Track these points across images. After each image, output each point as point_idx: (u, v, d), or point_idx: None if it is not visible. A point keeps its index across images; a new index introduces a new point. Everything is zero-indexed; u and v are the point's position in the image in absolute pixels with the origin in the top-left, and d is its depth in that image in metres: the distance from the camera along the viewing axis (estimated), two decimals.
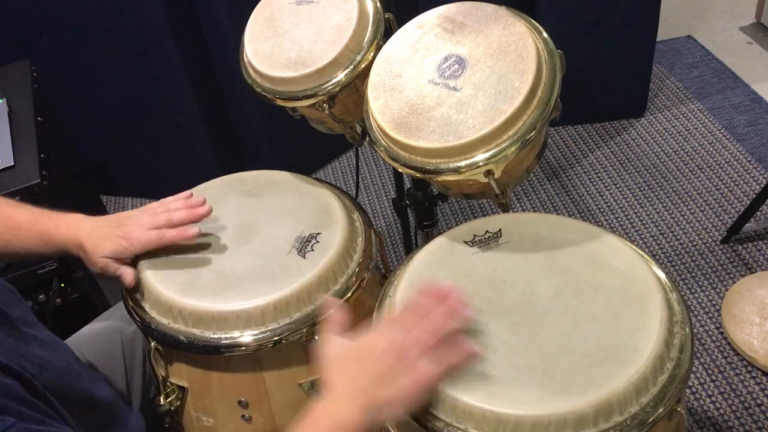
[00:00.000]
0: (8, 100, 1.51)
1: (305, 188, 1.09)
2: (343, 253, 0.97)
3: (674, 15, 2.63)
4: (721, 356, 1.54)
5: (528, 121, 0.84)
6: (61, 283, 1.39)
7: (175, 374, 0.98)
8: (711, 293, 1.68)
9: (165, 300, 0.93)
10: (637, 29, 2.02)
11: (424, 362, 0.71)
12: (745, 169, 1.99)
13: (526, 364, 0.76)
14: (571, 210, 1.97)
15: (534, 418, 0.71)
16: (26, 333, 0.74)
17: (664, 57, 2.45)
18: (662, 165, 2.05)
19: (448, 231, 0.96)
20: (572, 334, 0.78)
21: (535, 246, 0.90)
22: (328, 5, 1.04)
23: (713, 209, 1.89)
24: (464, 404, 0.74)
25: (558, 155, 2.16)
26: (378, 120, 0.91)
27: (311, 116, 1.14)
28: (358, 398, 0.70)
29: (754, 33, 2.54)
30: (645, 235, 1.85)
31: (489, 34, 0.90)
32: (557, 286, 0.84)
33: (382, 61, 0.96)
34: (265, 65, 1.03)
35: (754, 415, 1.44)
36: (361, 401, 0.69)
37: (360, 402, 0.69)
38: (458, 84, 0.88)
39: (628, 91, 2.20)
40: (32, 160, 1.36)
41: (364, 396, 0.70)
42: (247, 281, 0.93)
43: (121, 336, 1.06)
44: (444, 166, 0.86)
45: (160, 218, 0.97)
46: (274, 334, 0.90)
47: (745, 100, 2.24)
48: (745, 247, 1.77)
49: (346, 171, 2.24)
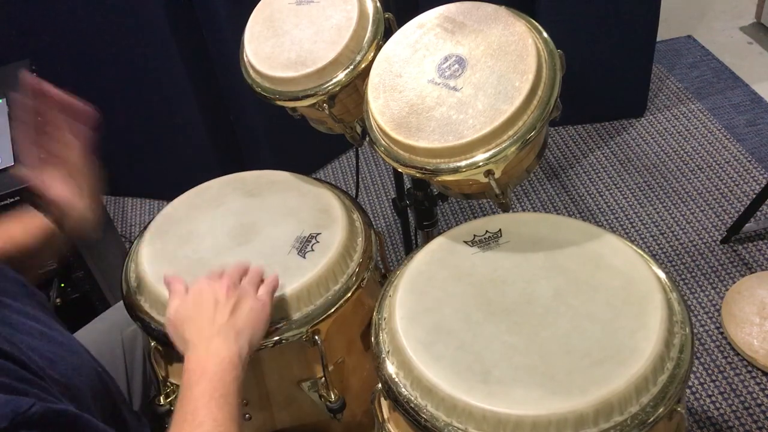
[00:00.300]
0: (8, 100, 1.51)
1: (305, 188, 1.09)
2: (343, 253, 0.97)
3: (674, 15, 2.63)
4: (721, 356, 1.54)
5: (528, 121, 0.84)
6: (61, 283, 1.39)
7: (175, 374, 0.98)
8: (711, 293, 1.68)
9: (165, 300, 0.92)
10: (637, 29, 2.02)
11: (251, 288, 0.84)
12: (745, 169, 1.99)
13: (526, 364, 0.76)
14: (571, 210, 1.97)
15: (534, 418, 0.71)
16: (27, 325, 0.73)
17: (664, 57, 2.45)
18: (662, 165, 2.05)
19: (448, 231, 0.96)
20: (572, 334, 0.78)
21: (535, 246, 0.90)
22: (328, 5, 1.04)
23: (713, 209, 1.89)
24: (464, 404, 0.74)
25: (558, 155, 2.16)
26: (378, 120, 0.91)
27: (311, 116, 1.14)
28: (220, 334, 0.77)
29: (754, 33, 2.54)
30: (645, 235, 1.85)
31: (489, 34, 0.90)
32: (557, 286, 0.84)
33: (382, 61, 0.96)
34: (265, 65, 1.03)
35: (754, 415, 1.44)
36: (224, 334, 0.77)
37: (225, 334, 0.77)
38: (458, 84, 0.88)
39: (628, 91, 2.20)
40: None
41: (222, 329, 0.78)
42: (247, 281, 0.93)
43: (121, 336, 1.06)
44: (444, 166, 0.86)
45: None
46: (274, 334, 0.90)
47: (745, 100, 2.24)
48: (745, 247, 1.77)
49: (346, 171, 2.24)
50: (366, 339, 1.02)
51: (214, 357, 0.75)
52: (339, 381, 0.98)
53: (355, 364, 1.01)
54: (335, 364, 0.98)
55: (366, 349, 1.03)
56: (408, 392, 0.79)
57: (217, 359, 0.75)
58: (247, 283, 0.85)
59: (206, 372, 0.74)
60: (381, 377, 0.82)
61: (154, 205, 2.24)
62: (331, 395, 0.95)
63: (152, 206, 2.25)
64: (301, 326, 0.91)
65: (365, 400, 0.93)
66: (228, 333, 0.78)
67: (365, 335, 1.02)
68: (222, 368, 0.74)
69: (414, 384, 0.78)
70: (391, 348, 0.83)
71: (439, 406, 0.76)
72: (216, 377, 0.73)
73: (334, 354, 0.97)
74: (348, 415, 0.99)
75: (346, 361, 1.00)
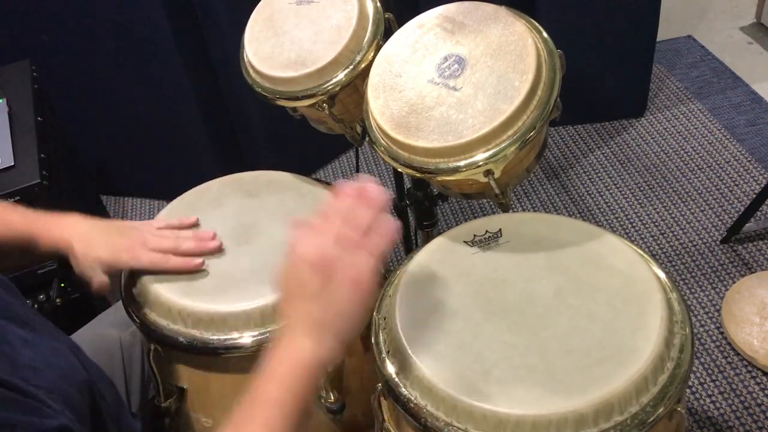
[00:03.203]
0: (8, 100, 1.51)
1: (305, 188, 1.09)
2: None
3: (674, 15, 2.63)
4: (721, 356, 1.54)
5: (528, 121, 0.83)
6: (61, 283, 1.39)
7: (175, 375, 0.98)
8: (711, 293, 1.68)
9: (164, 301, 0.92)
10: (637, 29, 2.02)
11: (354, 261, 0.69)
12: (745, 169, 1.99)
13: (526, 363, 0.76)
14: (571, 210, 1.97)
15: (534, 417, 0.71)
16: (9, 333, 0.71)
17: (664, 57, 2.45)
18: (662, 165, 2.05)
19: (448, 231, 0.96)
20: (572, 334, 0.78)
21: (535, 246, 0.90)
22: (328, 5, 1.04)
23: (713, 209, 1.89)
24: (464, 404, 0.74)
25: (558, 155, 2.16)
26: (378, 120, 0.91)
27: (311, 116, 1.14)
28: (307, 330, 0.69)
29: (754, 33, 2.54)
30: (645, 235, 1.85)
31: (489, 33, 0.90)
32: (557, 285, 0.84)
33: (382, 60, 0.96)
34: (265, 65, 1.03)
35: (754, 415, 1.43)
36: (310, 332, 0.68)
37: (309, 333, 0.68)
38: (458, 84, 0.88)
39: (628, 91, 2.20)
40: (32, 160, 1.36)
41: (312, 326, 0.69)
42: (247, 282, 0.93)
43: (120, 337, 1.06)
44: (443, 165, 0.86)
45: (166, 242, 0.94)
46: (274, 336, 0.90)
47: (745, 100, 2.24)
48: (745, 247, 1.77)
49: (346, 171, 2.24)
50: (366, 339, 1.01)
51: (298, 356, 0.68)
52: (339, 382, 0.98)
53: (355, 365, 1.01)
54: (335, 364, 0.97)
55: (366, 349, 1.02)
56: (408, 392, 0.79)
57: (300, 360, 0.68)
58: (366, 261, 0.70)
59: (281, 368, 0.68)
60: (381, 377, 0.82)
61: (154, 205, 2.24)
62: (330, 396, 0.95)
63: (152, 206, 2.25)
64: None
65: (365, 400, 0.92)
66: (321, 334, 0.69)
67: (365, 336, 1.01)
68: (298, 373, 0.67)
69: (414, 384, 0.78)
70: (391, 348, 0.83)
71: (439, 406, 0.76)
72: (288, 380, 0.67)
73: None
74: (348, 415, 0.99)
75: (345, 362, 1.00)
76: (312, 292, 0.69)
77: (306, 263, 0.70)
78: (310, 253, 0.70)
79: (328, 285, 0.69)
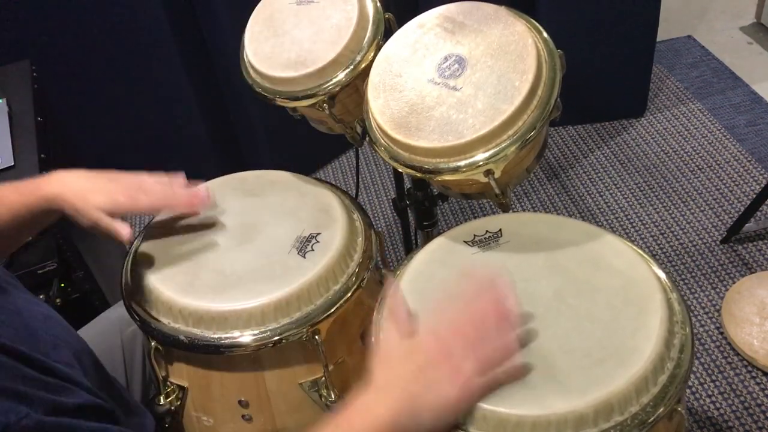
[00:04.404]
0: (8, 100, 1.51)
1: (305, 188, 1.09)
2: (344, 253, 0.97)
3: (674, 15, 2.63)
4: (721, 356, 1.54)
5: (528, 121, 0.84)
6: (61, 283, 1.39)
7: (175, 374, 0.98)
8: (711, 293, 1.68)
9: (165, 299, 0.93)
10: (637, 29, 2.02)
11: (472, 373, 0.69)
12: (745, 169, 1.99)
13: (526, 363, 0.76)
14: (571, 210, 1.97)
15: (534, 418, 0.71)
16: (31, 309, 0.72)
17: (664, 57, 2.46)
18: (662, 165, 2.05)
19: (448, 231, 0.96)
20: (572, 334, 0.78)
21: (535, 246, 0.90)
22: (328, 5, 1.04)
23: (713, 209, 1.89)
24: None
25: (558, 155, 2.16)
26: (378, 120, 0.91)
27: (311, 116, 1.14)
28: (398, 396, 0.68)
29: (754, 33, 2.54)
30: (645, 235, 1.85)
31: (489, 33, 0.90)
32: (557, 286, 0.84)
33: (382, 60, 0.96)
34: (265, 65, 1.03)
35: (754, 415, 1.44)
36: (400, 399, 0.68)
37: (398, 399, 0.68)
38: (458, 84, 0.88)
39: (628, 91, 2.20)
40: (32, 160, 1.36)
41: (404, 394, 0.68)
42: (248, 281, 0.93)
43: (121, 336, 1.06)
44: (444, 165, 0.86)
45: (161, 186, 0.94)
46: (275, 334, 0.90)
47: (745, 100, 2.24)
48: (745, 247, 1.77)
49: (346, 171, 2.24)
50: (366, 339, 1.02)
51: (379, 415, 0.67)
52: (339, 381, 0.98)
53: (356, 364, 1.01)
54: (335, 364, 0.98)
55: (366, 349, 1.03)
56: None
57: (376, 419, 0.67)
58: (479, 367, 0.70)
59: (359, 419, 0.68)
60: None
61: None
62: (331, 395, 0.95)
63: None
64: (301, 326, 0.91)
65: None
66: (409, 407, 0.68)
67: (365, 335, 1.02)
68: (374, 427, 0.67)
69: None
70: None
71: None
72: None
73: (334, 354, 0.97)
74: None
75: (346, 361, 1.00)
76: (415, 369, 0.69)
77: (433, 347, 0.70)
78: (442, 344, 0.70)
79: (433, 374, 0.69)
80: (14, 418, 0.56)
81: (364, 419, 0.67)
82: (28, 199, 0.89)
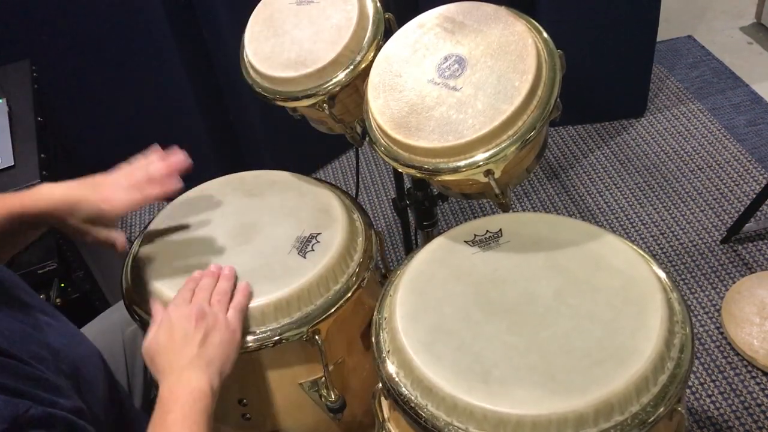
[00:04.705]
0: (8, 100, 1.51)
1: (305, 188, 1.09)
2: (344, 253, 0.97)
3: (674, 15, 2.63)
4: (721, 356, 1.54)
5: (528, 121, 0.84)
6: (61, 283, 1.39)
7: None
8: (711, 293, 1.68)
9: (165, 299, 0.93)
10: (637, 29, 2.02)
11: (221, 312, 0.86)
12: (745, 169, 1.99)
13: (526, 364, 0.76)
14: (571, 210, 1.97)
15: (534, 417, 0.71)
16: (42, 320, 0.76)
17: (664, 57, 2.45)
18: (662, 165, 2.05)
19: (448, 231, 0.96)
20: (572, 334, 0.78)
21: (535, 246, 0.90)
22: (328, 5, 1.04)
23: (713, 209, 1.89)
24: (465, 404, 0.74)
25: (558, 155, 2.16)
26: (378, 120, 0.91)
27: (311, 116, 1.14)
28: (191, 365, 0.79)
29: (754, 33, 2.54)
30: (645, 235, 1.85)
31: (489, 33, 0.90)
32: (557, 286, 0.84)
33: (382, 60, 0.96)
34: (265, 65, 1.03)
35: (754, 415, 1.44)
36: (196, 364, 0.80)
37: (195, 365, 0.79)
38: (458, 84, 0.88)
39: (628, 91, 2.20)
40: (32, 160, 1.36)
41: (194, 360, 0.80)
42: (248, 280, 0.93)
43: (122, 336, 1.06)
44: (444, 165, 0.86)
45: (136, 174, 0.93)
46: (275, 334, 0.90)
47: (745, 100, 2.24)
48: (745, 247, 1.77)
49: (346, 171, 2.24)
50: (366, 339, 1.02)
51: (185, 387, 0.78)
52: (339, 381, 0.98)
53: (356, 364, 1.01)
54: (335, 364, 0.98)
55: (366, 349, 1.03)
56: (408, 392, 0.79)
57: (187, 389, 0.77)
58: (217, 307, 0.87)
59: (178, 401, 0.76)
60: (381, 377, 0.82)
61: (154, 205, 2.24)
62: (331, 395, 0.95)
63: (152, 206, 2.24)
64: (301, 326, 0.91)
65: (365, 400, 0.93)
66: (198, 364, 0.80)
67: (365, 335, 1.02)
68: (193, 398, 0.77)
69: (414, 383, 0.78)
70: (391, 348, 0.83)
71: (440, 405, 0.76)
72: (187, 406, 0.76)
73: (334, 354, 0.97)
74: (348, 414, 0.99)
75: (346, 361, 1.00)
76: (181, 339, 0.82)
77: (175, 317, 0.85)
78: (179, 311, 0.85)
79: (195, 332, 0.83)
80: (23, 408, 0.59)
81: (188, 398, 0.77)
82: (10, 213, 0.88)
